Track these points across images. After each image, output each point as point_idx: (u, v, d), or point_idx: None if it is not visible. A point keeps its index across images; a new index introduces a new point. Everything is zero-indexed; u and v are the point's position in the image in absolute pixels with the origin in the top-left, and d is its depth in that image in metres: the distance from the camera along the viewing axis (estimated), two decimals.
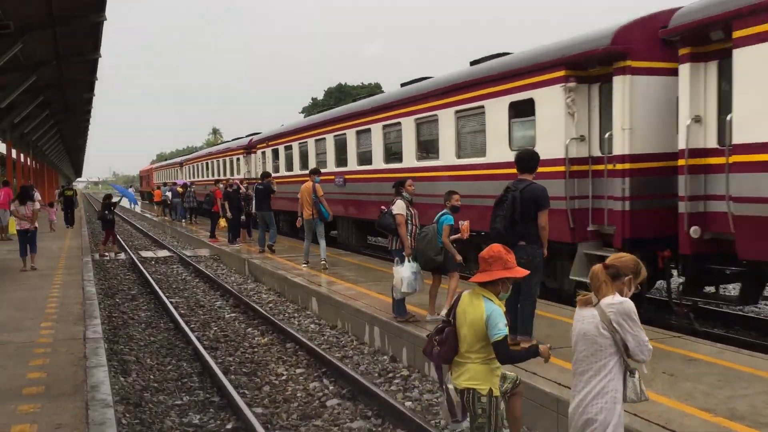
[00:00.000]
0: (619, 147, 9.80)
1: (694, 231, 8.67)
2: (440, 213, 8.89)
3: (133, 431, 6.74)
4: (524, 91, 11.31)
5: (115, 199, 24.31)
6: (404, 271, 8.80)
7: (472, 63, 13.89)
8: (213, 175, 36.84)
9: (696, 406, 5.64)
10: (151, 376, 8.86)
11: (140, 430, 6.80)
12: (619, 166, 9.83)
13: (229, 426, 7.02)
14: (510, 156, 10.89)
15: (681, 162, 8.93)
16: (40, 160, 48.41)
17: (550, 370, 6.74)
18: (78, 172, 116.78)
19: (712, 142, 8.79)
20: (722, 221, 8.49)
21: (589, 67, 10.32)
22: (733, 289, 11.86)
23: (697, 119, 8.88)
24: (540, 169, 8.69)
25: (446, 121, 13.68)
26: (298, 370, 8.90)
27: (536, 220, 7.37)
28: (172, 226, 32.35)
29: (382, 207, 9.35)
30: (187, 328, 11.08)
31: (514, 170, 8.09)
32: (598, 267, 4.08)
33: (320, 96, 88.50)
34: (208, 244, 22.82)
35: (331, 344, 10.18)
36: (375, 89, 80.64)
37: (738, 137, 8.19)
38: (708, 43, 8.76)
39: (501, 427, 4.64)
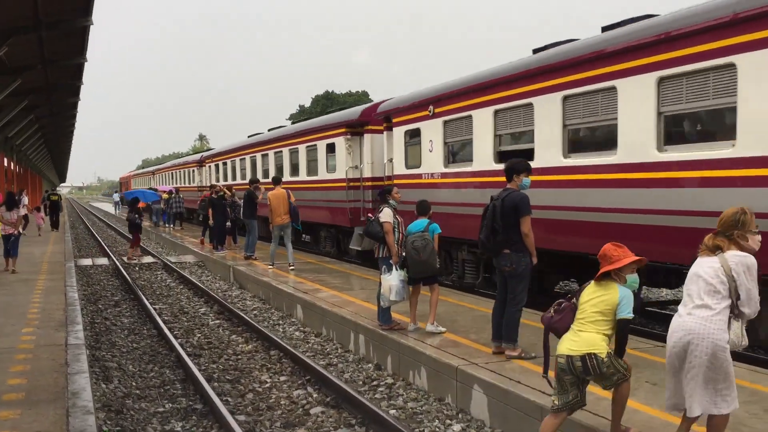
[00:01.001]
0: (367, 173, 18.00)
1: None
2: (425, 222, 8.87)
3: None
4: (331, 138, 19.52)
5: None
6: (392, 279, 8.76)
7: (327, 112, 23.33)
8: (176, 182, 44.13)
9: (679, 414, 5.65)
10: (134, 383, 8.77)
11: None
12: (367, 183, 17.86)
13: None
14: (326, 175, 19.79)
15: (386, 183, 16.11)
16: (24, 164, 48.02)
17: (533, 378, 6.75)
18: (62, 177, 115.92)
19: (396, 172, 15.99)
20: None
21: (356, 127, 18.38)
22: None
23: (390, 160, 16.44)
24: (335, 184, 18.78)
25: (302, 152, 21.85)
26: (282, 378, 8.86)
27: (519, 228, 7.37)
28: (156, 231, 32.17)
29: (369, 215, 9.34)
30: (170, 335, 11.00)
31: (328, 185, 18.81)
32: (708, 236, 4.75)
33: (308, 103, 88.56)
34: (193, 250, 22.70)
35: (316, 352, 10.14)
36: (362, 97, 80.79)
37: (396, 171, 15.95)
38: (390, 122, 16.27)
39: (623, 365, 5.15)
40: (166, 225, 33.66)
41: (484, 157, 12.44)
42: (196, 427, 7.17)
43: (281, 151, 23.62)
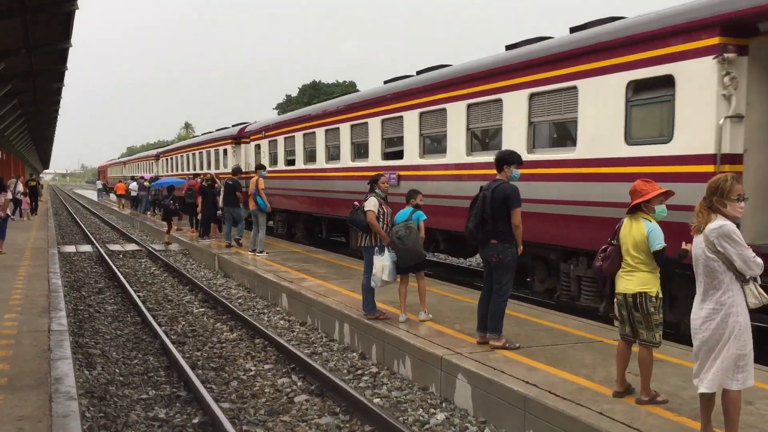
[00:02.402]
0: (244, 169, 22.56)
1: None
2: (409, 210, 8.90)
3: (97, 425, 6.64)
4: (225, 145, 28.14)
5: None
6: (385, 260, 8.82)
7: (237, 125, 29.40)
8: (141, 171, 51.52)
9: (660, 405, 5.72)
10: (117, 370, 8.73)
11: (105, 424, 6.71)
12: (243, 176, 20.03)
13: (195, 420, 6.94)
14: (224, 170, 26.79)
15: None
16: (6, 150, 47.49)
17: (518, 369, 6.79)
18: (45, 164, 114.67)
19: (251, 169, 22.14)
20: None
21: (237, 140, 26.77)
22: None
23: (246, 162, 25.35)
24: (226, 175, 20.54)
25: (212, 153, 30.81)
26: (267, 366, 8.86)
27: (508, 219, 7.39)
28: (141, 219, 32.01)
29: (355, 203, 9.31)
30: (154, 322, 10.95)
31: (224, 176, 21.03)
32: (696, 206, 4.87)
33: (295, 93, 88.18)
34: (178, 238, 22.60)
35: (301, 341, 10.14)
36: (349, 87, 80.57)
37: (251, 168, 22.01)
38: (250, 138, 25.65)
39: (662, 323, 5.69)
40: (147, 212, 34.14)
41: (281, 163, 22.16)
42: (180, 414, 7.16)
43: (203, 152, 32.96)
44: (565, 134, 10.83)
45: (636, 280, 5.65)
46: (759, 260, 4.62)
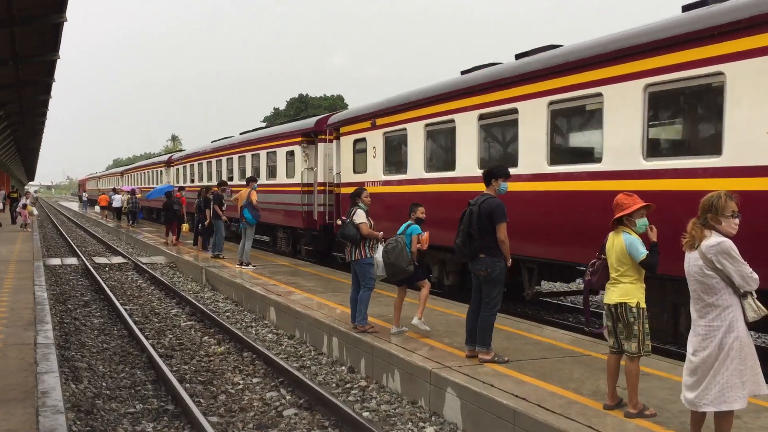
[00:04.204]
0: (177, 184, 33.32)
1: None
2: (406, 224, 8.96)
3: None
4: (160, 168, 41.47)
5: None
6: (378, 256, 9.03)
7: (169, 153, 47.10)
8: (112, 185, 60.52)
9: (649, 419, 5.75)
10: (104, 384, 8.67)
11: None
12: (183, 192, 27.77)
13: None
14: (158, 184, 39.61)
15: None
16: None
17: (507, 382, 6.81)
18: (31, 175, 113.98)
19: (181, 183, 34.81)
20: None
21: (168, 164, 39.75)
22: None
23: (175, 180, 37.48)
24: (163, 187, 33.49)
25: (155, 173, 42.78)
26: (255, 380, 8.82)
27: (494, 233, 7.42)
28: (127, 232, 31.85)
29: (343, 218, 9.40)
30: (141, 336, 10.88)
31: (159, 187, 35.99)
32: (689, 223, 4.89)
33: (283, 106, 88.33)
34: (165, 251, 22.49)
35: (289, 354, 10.11)
36: (337, 101, 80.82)
37: (181, 183, 34.81)
38: (174, 163, 39.07)
39: (648, 334, 5.75)
40: (131, 223, 34.84)
41: (188, 181, 32.29)
42: (167, 428, 7.10)
43: (149, 171, 44.99)
44: (291, 172, 20.64)
45: (618, 291, 5.79)
46: (755, 275, 4.65)
